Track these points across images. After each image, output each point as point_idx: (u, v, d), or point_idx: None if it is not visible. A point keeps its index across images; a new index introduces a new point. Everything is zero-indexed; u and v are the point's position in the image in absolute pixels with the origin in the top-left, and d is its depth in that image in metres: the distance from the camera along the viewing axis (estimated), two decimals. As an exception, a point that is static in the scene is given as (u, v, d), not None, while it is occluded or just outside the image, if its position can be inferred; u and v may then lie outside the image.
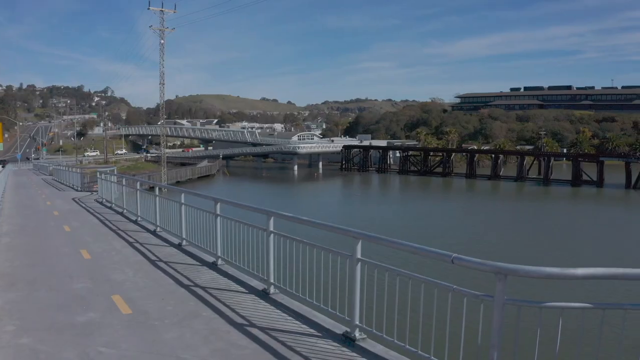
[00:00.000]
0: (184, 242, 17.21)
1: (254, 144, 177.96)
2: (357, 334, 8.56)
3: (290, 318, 9.92)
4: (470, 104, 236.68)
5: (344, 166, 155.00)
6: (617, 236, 62.53)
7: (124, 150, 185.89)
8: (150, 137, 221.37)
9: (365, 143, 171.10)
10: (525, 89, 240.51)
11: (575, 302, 5.98)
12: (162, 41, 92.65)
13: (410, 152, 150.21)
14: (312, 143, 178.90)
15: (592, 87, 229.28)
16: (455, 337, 6.90)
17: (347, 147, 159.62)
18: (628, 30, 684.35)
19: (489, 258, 6.57)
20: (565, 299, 6.28)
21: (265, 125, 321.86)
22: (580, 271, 5.68)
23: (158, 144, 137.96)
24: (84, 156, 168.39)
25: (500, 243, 54.45)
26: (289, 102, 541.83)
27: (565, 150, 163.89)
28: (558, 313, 6.13)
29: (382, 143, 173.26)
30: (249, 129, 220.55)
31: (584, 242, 57.48)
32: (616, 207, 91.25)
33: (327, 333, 9.05)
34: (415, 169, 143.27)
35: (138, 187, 23.92)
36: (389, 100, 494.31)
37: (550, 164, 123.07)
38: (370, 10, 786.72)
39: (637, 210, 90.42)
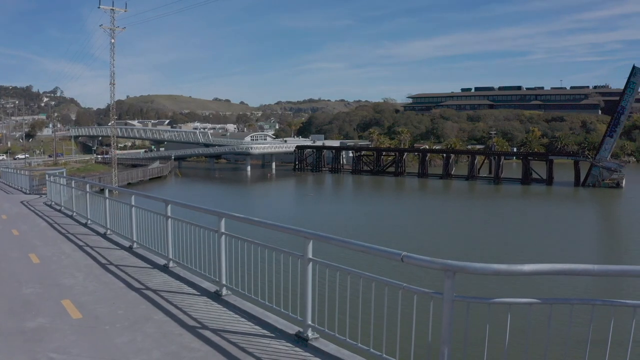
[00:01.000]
0: (135, 245, 16.94)
1: (207, 145, 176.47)
2: (309, 333, 8.60)
3: (243, 319, 9.88)
4: (422, 104, 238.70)
5: (297, 166, 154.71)
6: (565, 232, 63.98)
7: (26, 155, 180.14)
8: (100, 138, 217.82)
9: (319, 143, 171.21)
10: (476, 89, 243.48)
11: (522, 298, 6.10)
12: (113, 40, 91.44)
13: (363, 152, 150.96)
14: (265, 143, 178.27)
15: (542, 88, 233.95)
16: (407, 334, 7.00)
17: (300, 148, 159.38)
18: (576, 32, 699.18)
19: (439, 256, 6.71)
20: (515, 294, 6.40)
21: (218, 126, 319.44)
22: (527, 267, 5.80)
23: (109, 145, 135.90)
24: None
25: (451, 241, 55.12)
26: (241, 103, 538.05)
27: (515, 149, 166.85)
28: (506, 309, 6.24)
29: (335, 143, 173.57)
30: (201, 130, 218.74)
31: (534, 239, 58.51)
32: (565, 204, 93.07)
33: (280, 333, 9.05)
34: (368, 168, 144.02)
35: (88, 190, 23.52)
36: (342, 100, 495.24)
37: (501, 163, 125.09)
38: (322, 10, 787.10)
39: (585, 207, 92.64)
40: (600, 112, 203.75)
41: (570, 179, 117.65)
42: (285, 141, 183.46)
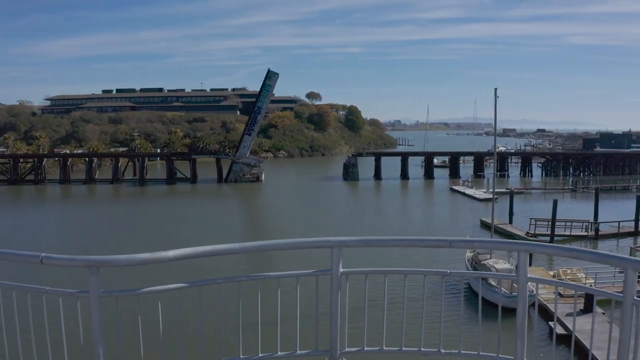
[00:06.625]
0: None
1: None
2: None
3: None
4: (62, 106, 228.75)
5: None
6: (211, 224, 67.89)
7: None
8: None
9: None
10: (118, 91, 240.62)
11: (171, 284, 6.29)
12: None
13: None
14: None
15: (183, 90, 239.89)
16: (59, 340, 6.58)
17: None
18: (216, 37, 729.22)
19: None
20: (164, 283, 6.43)
21: None
22: (172, 253, 5.97)
23: None
24: None
25: (100, 243, 54.98)
26: None
27: (159, 150, 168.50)
28: (157, 297, 6.28)
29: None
30: None
31: (184, 233, 60.85)
32: (210, 200, 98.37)
33: None
34: (5, 178, 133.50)
35: None
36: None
37: (145, 165, 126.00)
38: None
39: (229, 201, 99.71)
40: (239, 112, 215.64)
41: (214, 176, 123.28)
42: None
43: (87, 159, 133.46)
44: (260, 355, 6.86)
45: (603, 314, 29.31)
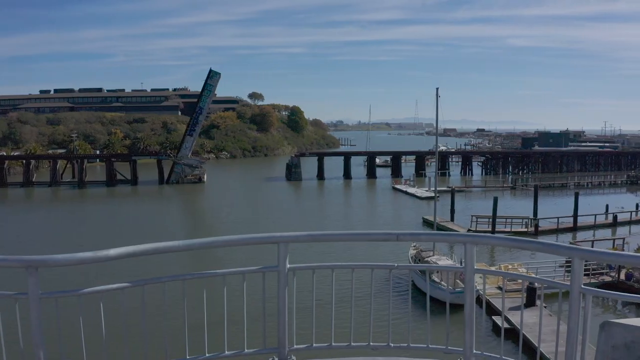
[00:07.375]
0: None
1: None
2: None
3: None
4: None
5: None
6: (149, 224, 67.04)
7: None
8: None
9: None
10: (55, 91, 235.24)
11: (114, 284, 6.14)
12: None
13: None
14: None
15: (123, 90, 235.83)
16: None
17: None
18: (157, 36, 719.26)
19: None
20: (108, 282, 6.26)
21: None
22: (113, 252, 5.80)
23: None
24: None
25: (40, 248, 54.23)
26: None
27: (98, 152, 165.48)
28: (99, 298, 6.06)
29: None
30: None
31: (123, 234, 60.07)
32: (152, 201, 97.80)
33: None
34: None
35: None
36: None
37: (84, 167, 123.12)
38: None
39: (171, 202, 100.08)
40: (180, 113, 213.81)
41: (155, 177, 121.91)
42: None
43: (24, 161, 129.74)
44: (207, 355, 6.70)
45: (545, 307, 29.87)
